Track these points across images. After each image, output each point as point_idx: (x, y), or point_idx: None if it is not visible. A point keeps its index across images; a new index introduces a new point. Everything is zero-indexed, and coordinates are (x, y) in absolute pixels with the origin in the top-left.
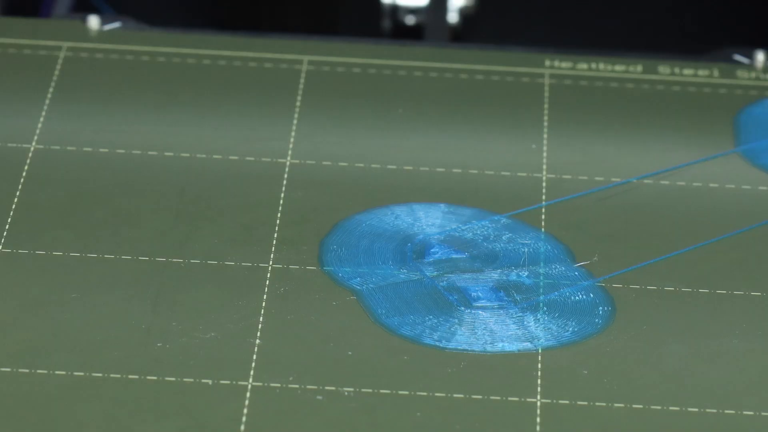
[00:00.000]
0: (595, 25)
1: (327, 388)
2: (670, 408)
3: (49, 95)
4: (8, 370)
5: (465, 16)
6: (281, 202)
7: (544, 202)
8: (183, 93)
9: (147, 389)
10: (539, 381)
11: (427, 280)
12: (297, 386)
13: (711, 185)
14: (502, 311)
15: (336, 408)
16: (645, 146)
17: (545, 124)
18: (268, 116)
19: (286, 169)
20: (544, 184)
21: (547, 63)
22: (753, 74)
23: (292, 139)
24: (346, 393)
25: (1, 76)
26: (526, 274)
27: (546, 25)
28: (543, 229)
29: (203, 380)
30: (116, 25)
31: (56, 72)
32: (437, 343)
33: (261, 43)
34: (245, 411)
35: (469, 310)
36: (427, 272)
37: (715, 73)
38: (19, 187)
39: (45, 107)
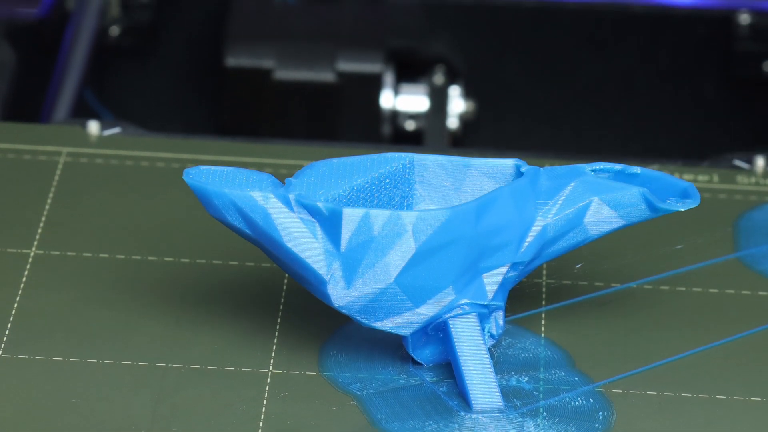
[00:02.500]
0: (594, 131)
1: None
2: None
3: (49, 200)
4: None
5: (465, 122)
6: (281, 307)
7: (543, 307)
8: (182, 198)
9: None
10: None
11: (426, 385)
12: None
13: (711, 290)
14: (501, 416)
15: None
16: (644, 251)
17: None
18: None
19: (286, 275)
20: (543, 290)
21: None
22: (753, 179)
23: None
24: None
25: (1, 181)
26: (526, 379)
27: (545, 131)
28: (543, 335)
29: None
30: (116, 130)
31: (56, 177)
32: None
33: (261, 148)
34: None
35: (469, 416)
36: (427, 377)
37: (715, 178)
38: (19, 292)
39: (45, 212)
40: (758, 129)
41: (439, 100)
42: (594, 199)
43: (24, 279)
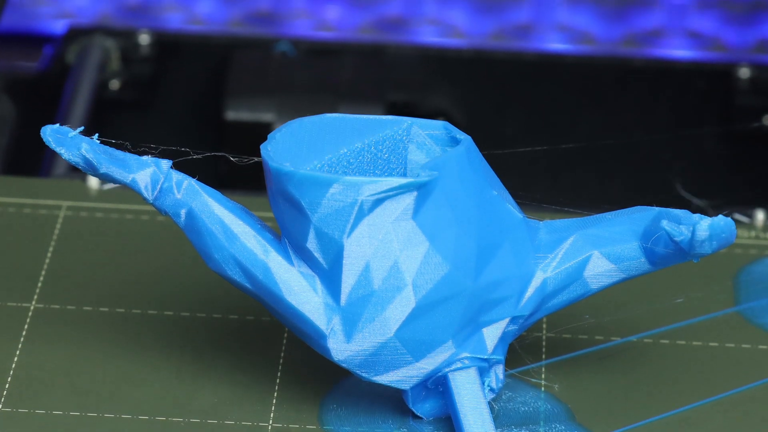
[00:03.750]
0: (594, 186)
1: None
2: None
3: (49, 254)
4: None
5: None
6: (281, 360)
7: (543, 361)
8: (183, 252)
9: None
10: None
11: None
12: None
13: (711, 344)
14: None
15: None
16: (644, 304)
17: None
18: None
19: (286, 329)
20: (543, 343)
21: None
22: (753, 233)
23: None
24: None
25: (1, 235)
26: None
27: (545, 184)
28: (542, 388)
29: None
30: (116, 184)
31: (56, 231)
32: None
33: (262, 203)
34: None
35: None
36: (427, 431)
37: None
38: (19, 346)
39: (45, 266)
40: (758, 183)
41: None
42: (594, 252)
43: (24, 333)
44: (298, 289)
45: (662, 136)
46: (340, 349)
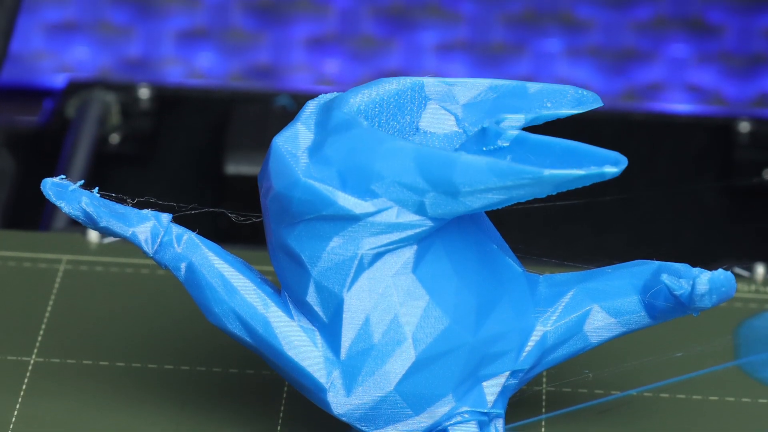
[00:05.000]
0: (594, 238)
1: None
2: None
3: (49, 308)
4: None
5: None
6: (281, 414)
7: (543, 415)
8: (182, 306)
9: None
10: None
11: None
12: None
13: (710, 398)
14: None
15: None
16: (644, 358)
17: None
18: None
19: (286, 382)
20: (543, 397)
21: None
22: (753, 287)
23: None
24: None
25: (2, 289)
26: None
27: (544, 239)
28: None
29: None
30: (116, 237)
31: (56, 284)
32: None
33: (262, 257)
34: None
35: None
36: None
37: None
38: (19, 399)
39: (45, 320)
40: (758, 237)
41: None
42: (594, 306)
43: (24, 386)
44: (298, 342)
45: (661, 191)
46: (340, 402)
